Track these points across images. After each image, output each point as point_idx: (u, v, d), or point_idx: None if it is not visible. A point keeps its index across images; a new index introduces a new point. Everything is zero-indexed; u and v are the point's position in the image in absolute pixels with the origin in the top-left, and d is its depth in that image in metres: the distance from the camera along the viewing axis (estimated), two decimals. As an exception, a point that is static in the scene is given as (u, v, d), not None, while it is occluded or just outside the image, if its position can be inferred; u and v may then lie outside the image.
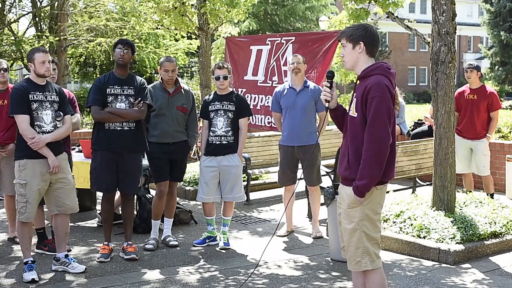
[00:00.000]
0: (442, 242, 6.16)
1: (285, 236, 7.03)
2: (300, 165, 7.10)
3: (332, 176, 8.42)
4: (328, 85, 4.05)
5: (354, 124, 3.91)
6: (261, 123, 9.26)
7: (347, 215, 3.95)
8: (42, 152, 5.47)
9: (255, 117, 9.14)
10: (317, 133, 7.00)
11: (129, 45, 6.08)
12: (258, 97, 9.25)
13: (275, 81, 9.01)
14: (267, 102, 8.98)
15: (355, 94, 3.98)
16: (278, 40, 9.04)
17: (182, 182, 9.24)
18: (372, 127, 3.80)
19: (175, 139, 6.59)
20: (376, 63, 3.98)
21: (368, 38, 3.94)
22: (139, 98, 6.03)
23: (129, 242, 6.23)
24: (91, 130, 6.27)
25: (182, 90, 6.67)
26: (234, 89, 9.24)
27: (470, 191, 7.81)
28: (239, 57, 9.59)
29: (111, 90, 6.01)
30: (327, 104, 4.07)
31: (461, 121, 8.25)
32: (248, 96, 9.31)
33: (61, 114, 5.63)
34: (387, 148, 3.84)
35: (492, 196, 8.07)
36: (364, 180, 3.81)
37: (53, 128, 5.56)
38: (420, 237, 6.32)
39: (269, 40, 9.20)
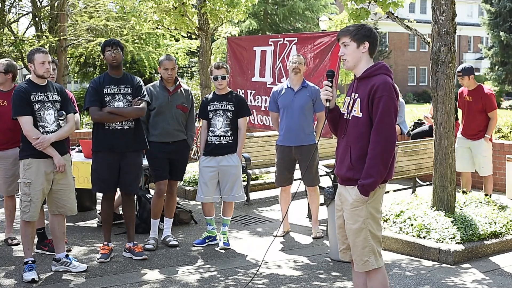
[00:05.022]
0: (442, 242, 6.16)
1: (281, 236, 7.02)
2: (297, 166, 7.09)
3: (332, 176, 8.42)
4: (330, 84, 4.00)
5: (359, 125, 3.89)
6: (270, 123, 9.22)
7: (351, 215, 3.95)
8: (47, 152, 5.48)
9: (266, 118, 9.09)
10: (315, 133, 7.00)
11: (117, 44, 6.05)
12: (269, 98, 9.23)
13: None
14: None
15: (356, 94, 3.94)
16: (280, 41, 9.01)
17: (182, 182, 9.26)
18: (381, 126, 3.80)
19: (175, 138, 6.59)
20: (378, 63, 3.98)
21: (372, 38, 3.96)
22: (138, 97, 6.03)
23: (135, 242, 6.23)
24: (91, 130, 6.25)
25: (181, 89, 6.68)
26: (242, 90, 9.27)
27: (465, 192, 7.80)
28: (243, 58, 9.55)
29: (107, 90, 5.99)
30: (327, 104, 4.01)
31: (462, 121, 8.30)
32: (258, 97, 9.27)
33: (64, 113, 5.64)
34: (394, 147, 3.88)
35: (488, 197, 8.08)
36: (371, 179, 3.82)
37: (56, 128, 5.57)
38: (420, 237, 6.32)
39: (271, 41, 9.17)
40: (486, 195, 7.93)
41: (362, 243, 3.93)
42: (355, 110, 3.92)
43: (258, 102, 9.20)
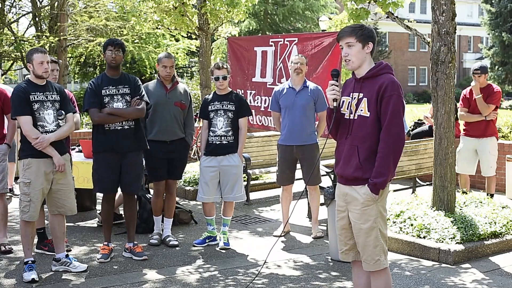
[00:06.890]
0: (442, 242, 6.16)
1: (281, 236, 7.02)
2: (298, 165, 7.09)
3: (332, 176, 8.42)
4: (337, 84, 4.01)
5: (366, 124, 3.89)
6: (271, 124, 9.22)
7: (362, 214, 3.93)
8: (46, 151, 5.48)
9: (265, 118, 9.10)
10: (317, 133, 7.00)
11: (119, 45, 6.05)
12: (269, 99, 9.23)
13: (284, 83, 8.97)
14: None
15: (361, 94, 3.94)
16: (281, 41, 9.00)
17: (182, 182, 9.25)
18: (391, 125, 3.83)
19: (173, 136, 6.59)
20: (380, 62, 4.00)
21: (375, 39, 4.00)
22: (136, 97, 6.03)
23: (135, 242, 6.23)
24: (91, 130, 6.24)
25: (179, 86, 6.68)
26: (241, 91, 9.26)
27: (465, 192, 7.79)
28: (244, 58, 9.55)
29: (106, 91, 5.98)
30: (335, 103, 4.00)
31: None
32: (258, 98, 9.27)
33: (63, 113, 5.64)
34: (403, 145, 3.92)
35: (491, 196, 8.05)
36: (383, 177, 3.84)
37: (55, 127, 5.57)
38: (420, 237, 6.32)
39: (272, 41, 9.17)
40: (491, 195, 7.92)
41: (374, 242, 3.93)
42: (361, 110, 3.92)
43: (257, 103, 9.20)
